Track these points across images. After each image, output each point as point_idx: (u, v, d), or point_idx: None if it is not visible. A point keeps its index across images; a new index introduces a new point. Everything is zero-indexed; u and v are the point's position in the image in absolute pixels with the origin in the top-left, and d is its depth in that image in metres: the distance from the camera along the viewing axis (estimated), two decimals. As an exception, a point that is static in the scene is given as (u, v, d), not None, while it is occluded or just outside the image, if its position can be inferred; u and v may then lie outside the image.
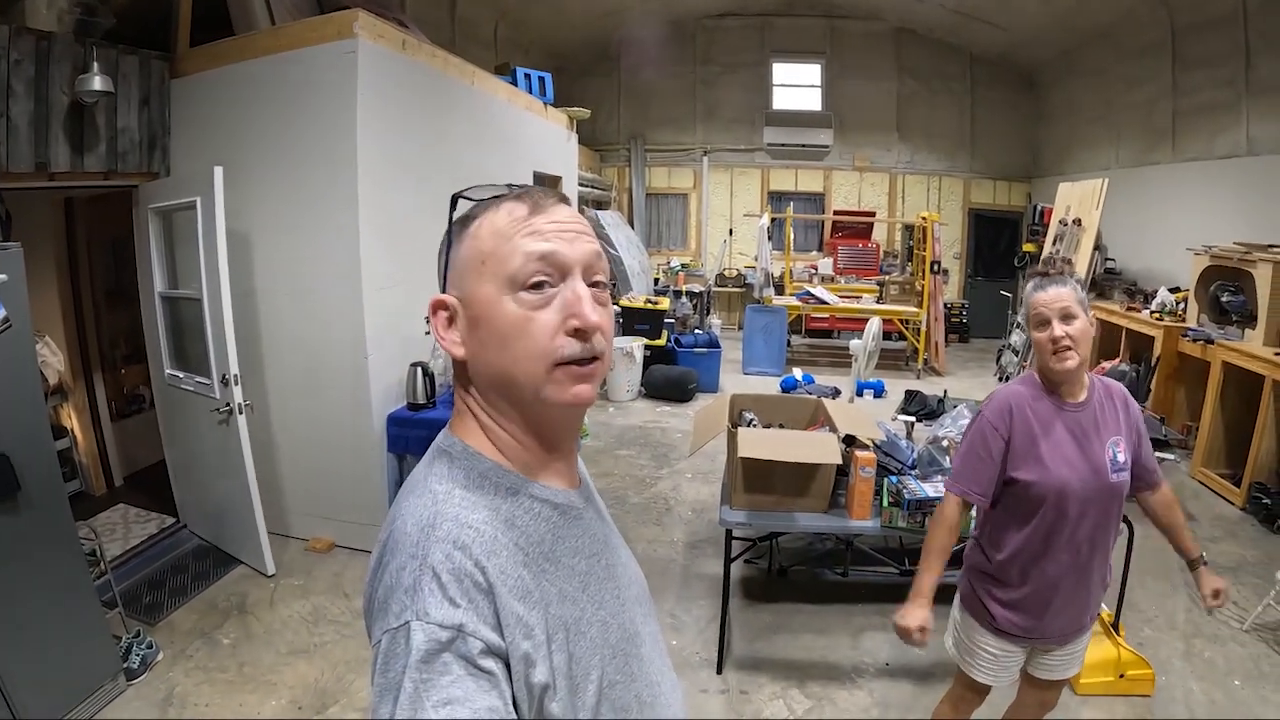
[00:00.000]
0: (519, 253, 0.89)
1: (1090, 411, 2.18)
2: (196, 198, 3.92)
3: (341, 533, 4.60)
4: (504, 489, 0.91)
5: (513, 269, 0.88)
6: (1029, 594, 2.22)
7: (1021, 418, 2.17)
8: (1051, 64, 11.37)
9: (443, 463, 0.93)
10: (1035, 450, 2.15)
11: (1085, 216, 8.31)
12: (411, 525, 0.84)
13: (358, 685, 3.36)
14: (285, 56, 4.18)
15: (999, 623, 2.26)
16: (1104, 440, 2.16)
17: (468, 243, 0.93)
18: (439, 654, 0.74)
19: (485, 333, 0.90)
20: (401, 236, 4.54)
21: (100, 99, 3.89)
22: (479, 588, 0.79)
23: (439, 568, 0.78)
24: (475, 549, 0.81)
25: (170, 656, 3.51)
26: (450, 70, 5.18)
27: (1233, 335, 6.06)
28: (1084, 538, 2.16)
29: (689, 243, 13.26)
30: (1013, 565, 2.22)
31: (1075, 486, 2.11)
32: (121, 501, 5.14)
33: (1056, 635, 2.28)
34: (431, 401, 4.60)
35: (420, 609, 0.76)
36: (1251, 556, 4.79)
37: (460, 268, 0.93)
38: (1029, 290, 2.19)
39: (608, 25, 11.80)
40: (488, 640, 0.77)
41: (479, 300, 0.90)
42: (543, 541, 0.91)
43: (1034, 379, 2.24)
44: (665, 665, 1.07)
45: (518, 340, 0.88)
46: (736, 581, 4.25)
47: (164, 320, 4.49)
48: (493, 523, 0.86)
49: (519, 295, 0.88)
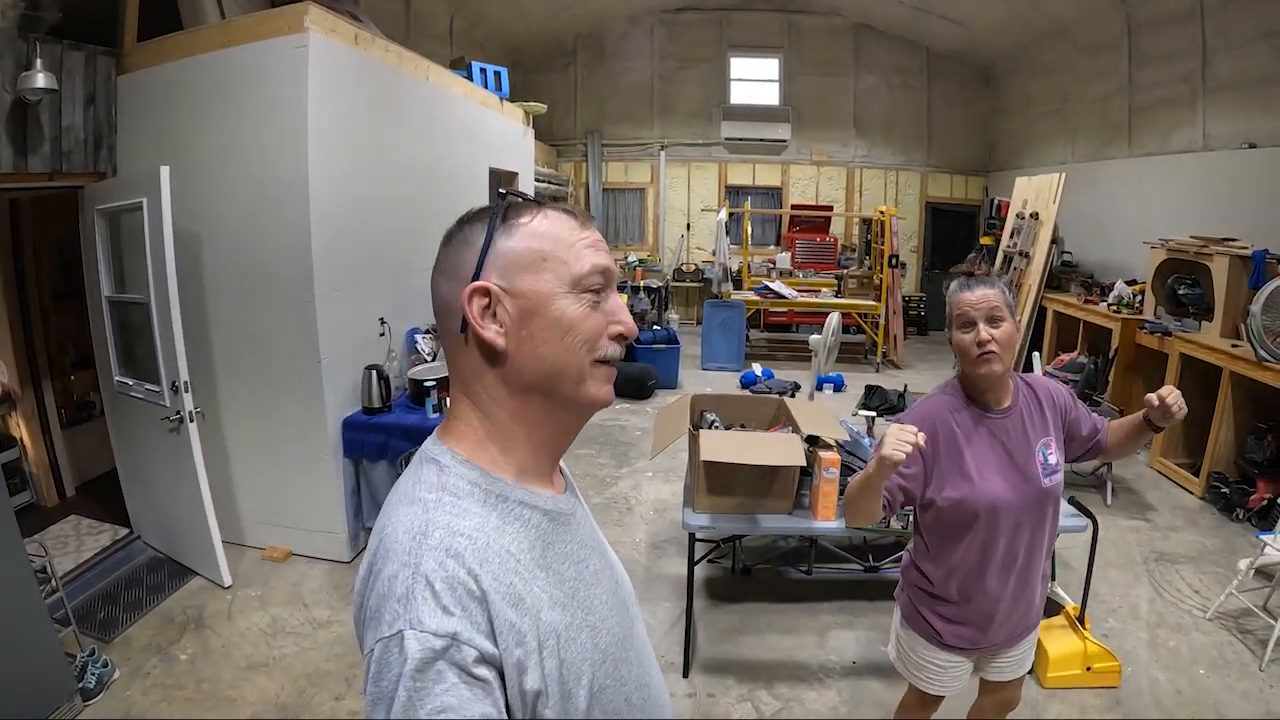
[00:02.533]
0: (585, 260, 0.95)
1: (1016, 417, 2.11)
2: (142, 199, 3.81)
3: (298, 541, 4.50)
4: (494, 496, 0.92)
5: (579, 272, 0.94)
6: (971, 609, 2.16)
7: (946, 433, 2.08)
8: (1008, 59, 11.49)
9: (431, 470, 0.93)
10: (961, 466, 2.06)
11: (1042, 210, 8.41)
12: (403, 533, 0.84)
13: (319, 699, 3.29)
14: (235, 52, 4.06)
15: (945, 638, 2.22)
16: (1033, 445, 2.09)
17: (522, 238, 0.94)
18: (433, 662, 0.74)
19: (541, 324, 0.93)
20: (355, 235, 4.46)
21: (44, 97, 3.76)
22: (472, 595, 0.79)
23: (432, 576, 0.79)
24: (468, 556, 0.81)
25: (127, 674, 3.40)
26: (405, 65, 5.08)
27: (1190, 327, 6.14)
28: (1021, 547, 2.10)
29: (646, 238, 13.21)
30: (950, 582, 2.16)
31: (1008, 498, 2.04)
32: (74, 512, 4.98)
33: (1004, 641, 2.24)
34: (387, 405, 4.51)
35: (414, 617, 0.76)
36: (1212, 545, 4.86)
37: (511, 259, 0.94)
38: (953, 289, 2.09)
39: (565, 20, 11.74)
40: (481, 648, 0.77)
41: (537, 293, 0.93)
42: (533, 548, 0.91)
43: (955, 386, 2.16)
44: (653, 667, 1.08)
45: (575, 333, 0.93)
46: (700, 582, 4.22)
47: (112, 325, 4.35)
48: (484, 530, 0.86)
49: (581, 295, 0.94)
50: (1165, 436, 6.05)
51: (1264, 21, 6.30)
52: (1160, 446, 6.12)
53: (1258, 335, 4.96)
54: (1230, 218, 6.41)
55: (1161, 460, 6.10)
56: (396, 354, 4.85)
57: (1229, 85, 6.86)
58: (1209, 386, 5.57)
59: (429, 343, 5.13)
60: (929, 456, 2.06)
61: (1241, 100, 6.72)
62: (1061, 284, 8.65)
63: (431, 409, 4.43)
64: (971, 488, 2.04)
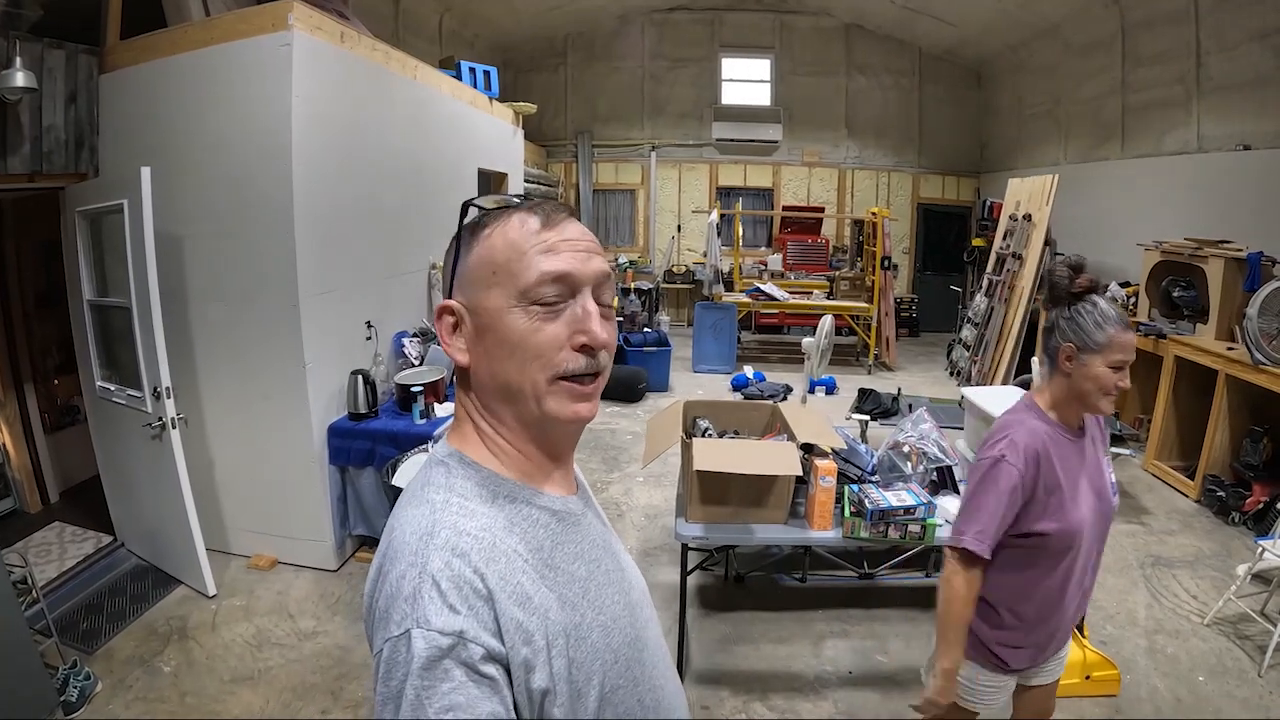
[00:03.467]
0: (533, 269, 0.89)
1: (1088, 437, 2.06)
2: (123, 200, 3.73)
3: (283, 549, 4.43)
4: (501, 496, 0.92)
5: (525, 284, 0.89)
6: (1042, 630, 2.09)
7: (1048, 464, 1.96)
8: (1000, 59, 11.46)
9: (439, 472, 0.94)
10: (1060, 496, 1.97)
11: (1036, 212, 8.38)
12: (410, 534, 0.85)
13: (306, 713, 3.22)
14: (218, 50, 3.98)
15: (1010, 663, 2.13)
16: (1101, 464, 2.05)
17: (478, 251, 0.93)
18: (440, 661, 0.75)
19: (491, 342, 0.91)
20: (341, 238, 4.39)
21: (24, 96, 3.69)
22: (479, 594, 0.79)
23: (438, 575, 0.79)
24: (474, 556, 0.82)
25: (109, 687, 3.33)
26: (392, 64, 5.00)
27: (1184, 330, 6.12)
28: (1090, 564, 2.06)
29: (637, 239, 13.14)
30: (1026, 608, 2.06)
31: (1090, 520, 1.99)
32: (58, 519, 4.91)
33: (1054, 649, 2.19)
34: (373, 411, 4.43)
35: (421, 616, 0.77)
36: (1208, 549, 4.83)
37: (469, 275, 0.93)
38: (1114, 321, 1.95)
39: (555, 19, 11.65)
40: (488, 646, 0.77)
41: (487, 309, 0.91)
42: (541, 548, 0.91)
43: (1037, 408, 2.06)
44: (668, 668, 1.08)
45: (524, 350, 0.89)
46: (693, 590, 4.17)
47: (94, 330, 4.28)
48: (491, 530, 0.87)
49: (529, 308, 0.89)
50: (1160, 439, 6.04)
51: (1258, 22, 6.27)
52: (1155, 450, 6.10)
53: (1254, 338, 4.93)
54: (1225, 220, 6.39)
55: (1156, 463, 6.06)
56: (383, 358, 4.78)
57: (1223, 86, 6.83)
58: (1204, 389, 5.56)
59: (416, 347, 5.05)
60: (1032, 489, 1.98)
61: (1236, 102, 6.69)
62: (1054, 285, 8.60)
63: (419, 414, 4.37)
64: (1065, 518, 1.97)
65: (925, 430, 3.61)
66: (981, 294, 9.19)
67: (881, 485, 3.30)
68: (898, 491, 3.17)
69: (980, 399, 4.20)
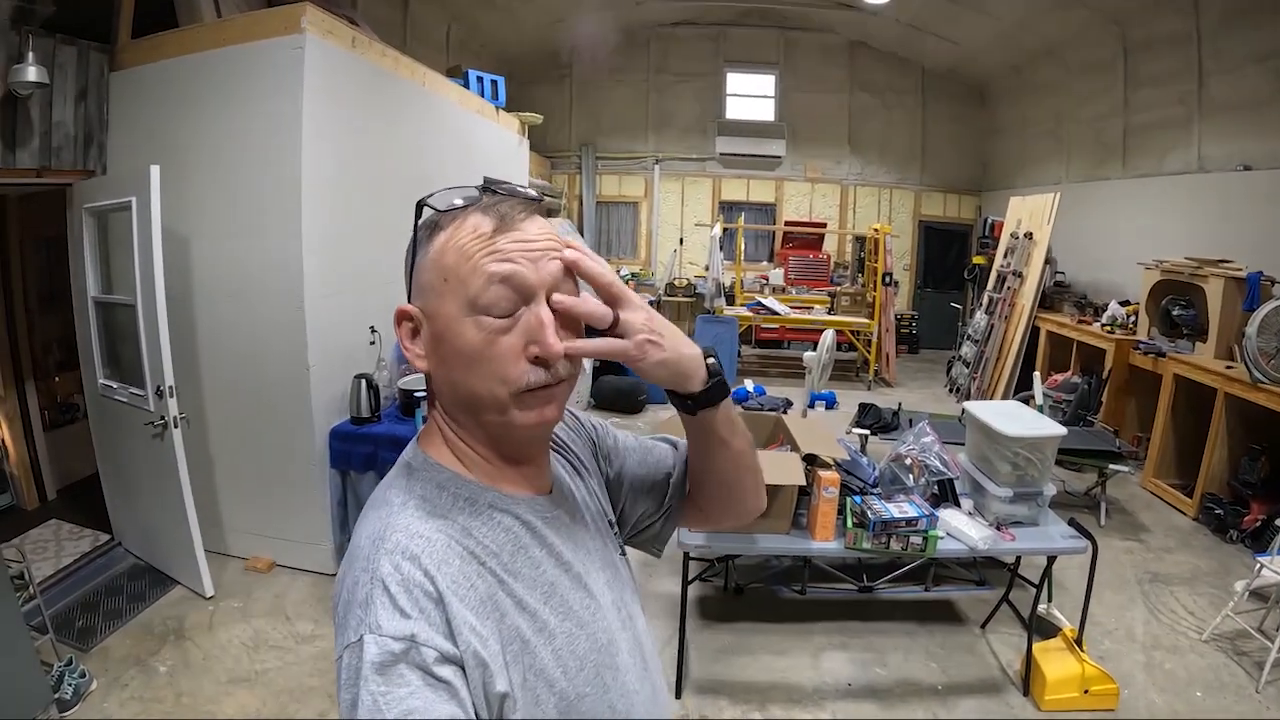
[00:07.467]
0: (480, 274, 0.85)
1: None
2: (131, 198, 3.73)
3: (282, 552, 4.41)
4: (462, 499, 0.90)
5: (473, 291, 0.85)
6: None
7: None
8: (1002, 78, 11.51)
9: (403, 475, 0.94)
10: None
11: (1037, 230, 8.41)
12: (365, 538, 0.85)
13: (302, 716, 3.21)
14: (230, 51, 4.00)
15: None
16: None
17: (431, 256, 0.89)
18: (394, 665, 0.74)
19: (447, 350, 0.88)
20: (347, 241, 4.38)
21: (35, 91, 3.70)
22: (429, 596, 0.79)
23: (388, 579, 0.79)
24: (424, 559, 0.81)
25: (104, 686, 3.30)
26: (401, 71, 5.02)
27: (1183, 348, 6.15)
28: None
29: (639, 251, 13.18)
30: None
31: None
32: (55, 516, 4.89)
33: None
34: (376, 415, 4.41)
35: (372, 622, 0.76)
36: (1206, 566, 4.83)
37: (423, 281, 0.90)
38: None
39: (560, 32, 11.65)
40: (441, 649, 0.76)
41: (440, 317, 0.87)
42: (500, 552, 0.89)
43: None
44: (646, 671, 1.03)
45: (480, 364, 0.86)
46: (692, 601, 4.15)
47: (97, 327, 4.28)
48: (446, 531, 0.85)
49: (479, 318, 0.85)
50: (1158, 457, 6.06)
51: (1260, 44, 6.32)
52: (1153, 468, 6.11)
53: (1253, 357, 4.95)
54: (1225, 239, 6.42)
55: (1155, 481, 6.07)
56: (387, 363, 4.77)
57: (1224, 107, 6.88)
58: (1202, 408, 5.57)
59: (420, 351, 5.03)
60: None
61: (1237, 122, 6.74)
62: (1054, 304, 8.65)
63: (421, 420, 4.36)
64: None
65: (927, 443, 3.62)
66: (982, 311, 9.21)
67: (884, 497, 3.31)
68: (900, 503, 3.18)
69: (982, 412, 4.20)
